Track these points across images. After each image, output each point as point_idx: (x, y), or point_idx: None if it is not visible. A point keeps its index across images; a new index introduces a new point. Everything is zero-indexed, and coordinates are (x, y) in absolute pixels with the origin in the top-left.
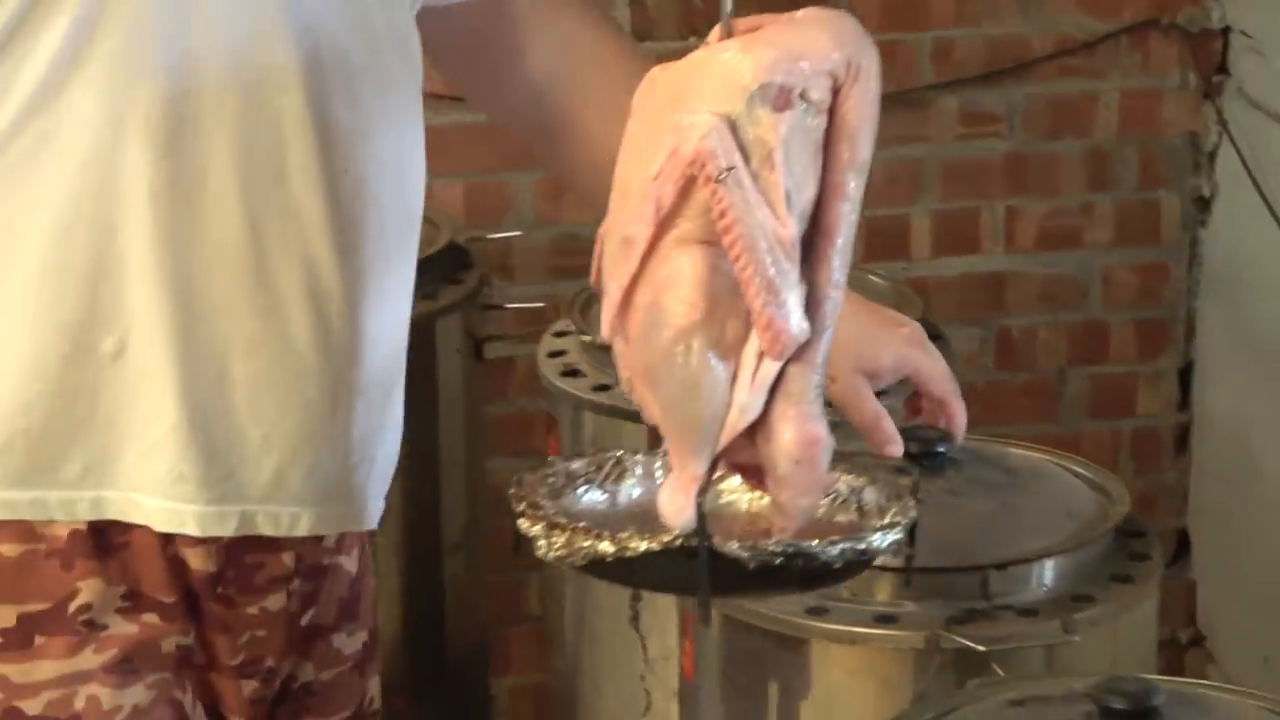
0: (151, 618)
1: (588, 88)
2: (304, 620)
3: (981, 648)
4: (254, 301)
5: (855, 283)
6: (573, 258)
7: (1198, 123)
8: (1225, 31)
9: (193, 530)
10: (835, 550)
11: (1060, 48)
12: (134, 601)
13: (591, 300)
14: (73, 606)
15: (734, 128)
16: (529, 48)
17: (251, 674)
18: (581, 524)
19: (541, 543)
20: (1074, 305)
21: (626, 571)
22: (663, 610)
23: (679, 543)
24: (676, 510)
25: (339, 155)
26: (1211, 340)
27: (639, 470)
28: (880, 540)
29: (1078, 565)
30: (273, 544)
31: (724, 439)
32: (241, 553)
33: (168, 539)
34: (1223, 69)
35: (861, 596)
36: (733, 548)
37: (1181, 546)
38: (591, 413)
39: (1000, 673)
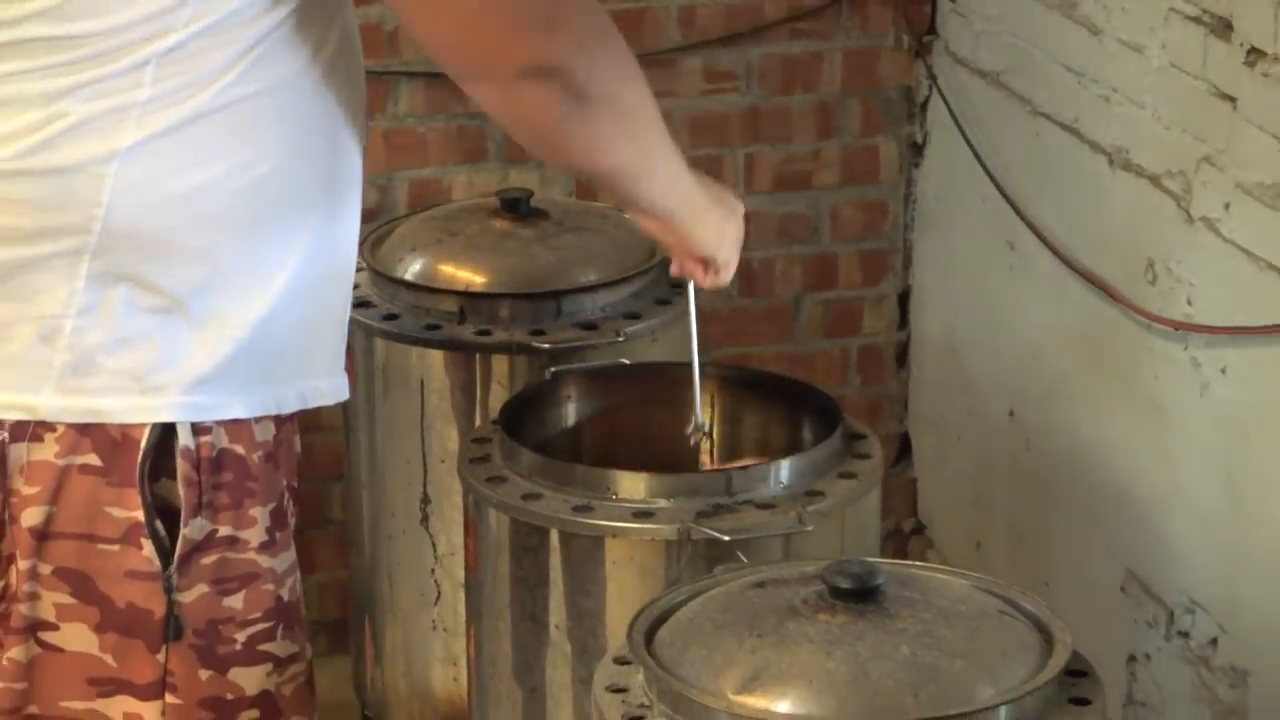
0: (289, 502)
1: None
2: None
3: (726, 538)
4: None
5: (614, 221)
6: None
7: (911, 78)
8: None
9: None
10: None
11: (790, 13)
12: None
13: (380, 240)
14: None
15: None
16: None
17: None
18: None
19: None
20: (806, 239)
21: None
22: (448, 512)
23: None
24: None
25: None
26: (926, 268)
27: None
28: None
29: (810, 464)
30: None
31: None
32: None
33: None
34: (931, 30)
35: (622, 496)
36: None
37: (904, 448)
38: (381, 339)
39: (744, 559)
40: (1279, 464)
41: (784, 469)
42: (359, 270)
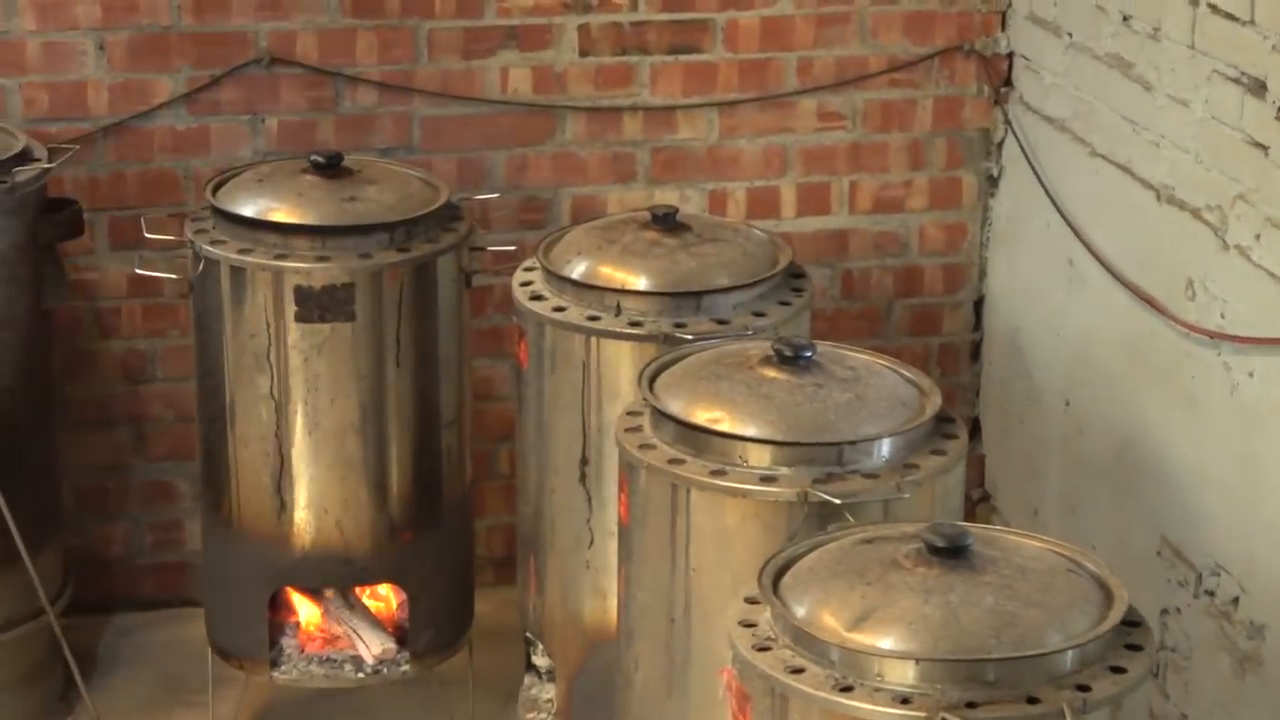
0: None
1: None
2: None
3: (838, 501)
4: None
5: (744, 234)
6: (532, 214)
7: (989, 121)
8: (1010, 55)
9: None
10: None
11: (890, 65)
12: None
13: (551, 245)
14: None
15: None
16: None
17: None
18: None
19: None
20: (898, 253)
21: None
22: (603, 472)
23: None
24: None
25: None
26: (997, 280)
27: None
28: None
29: (907, 442)
30: None
31: None
32: None
33: None
34: (1008, 82)
35: (751, 463)
36: None
37: (974, 430)
38: (550, 326)
39: (851, 519)
40: None
41: (885, 445)
42: (533, 269)
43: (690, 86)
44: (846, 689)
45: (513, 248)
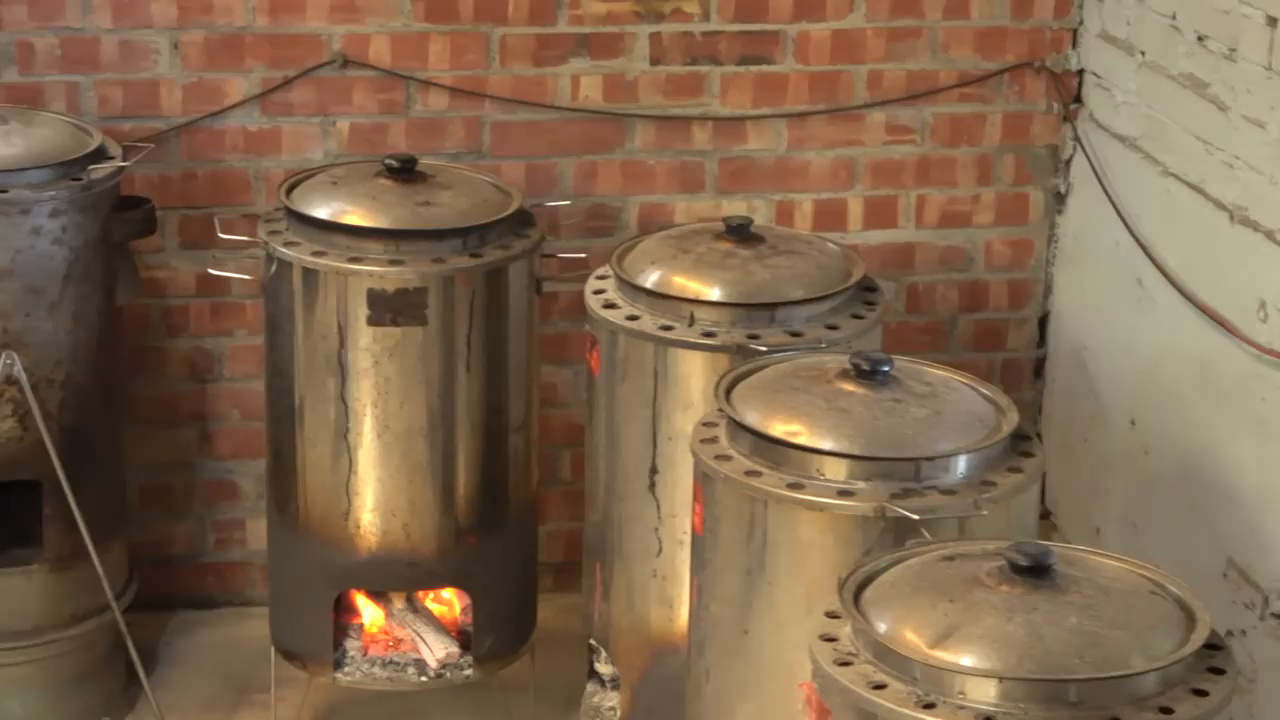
0: None
1: None
2: None
3: (915, 516)
4: None
5: (818, 246)
6: (601, 221)
7: (1058, 138)
8: (1080, 72)
9: None
10: None
11: (960, 80)
12: None
13: (625, 253)
14: None
15: None
16: None
17: None
18: None
19: None
20: (963, 268)
21: None
22: (672, 481)
23: None
24: None
25: None
26: (1063, 296)
27: None
28: None
29: (984, 459)
30: None
31: None
32: None
33: None
34: (1078, 99)
35: (828, 476)
36: None
37: None
38: (623, 334)
39: (927, 535)
40: None
41: (963, 462)
42: (606, 277)
43: (760, 97)
44: (929, 706)
45: (582, 255)
